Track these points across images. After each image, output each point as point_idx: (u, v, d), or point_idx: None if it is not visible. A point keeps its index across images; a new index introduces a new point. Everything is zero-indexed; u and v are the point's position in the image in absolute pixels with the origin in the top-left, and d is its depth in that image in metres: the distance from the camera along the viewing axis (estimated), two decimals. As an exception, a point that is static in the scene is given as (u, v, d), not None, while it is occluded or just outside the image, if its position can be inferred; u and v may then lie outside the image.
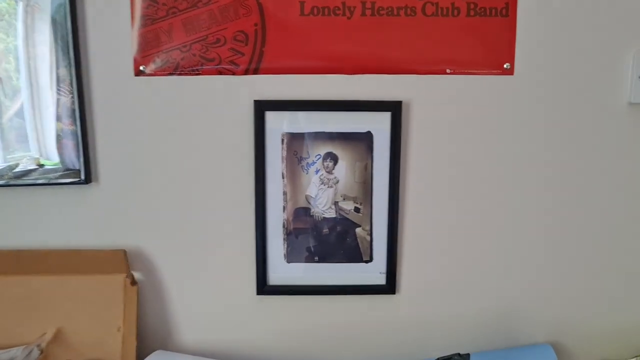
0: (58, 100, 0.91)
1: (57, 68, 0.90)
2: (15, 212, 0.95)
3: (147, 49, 0.91)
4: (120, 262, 0.94)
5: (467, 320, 1.01)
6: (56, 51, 0.90)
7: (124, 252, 0.94)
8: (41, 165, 0.93)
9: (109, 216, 0.96)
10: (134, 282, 0.95)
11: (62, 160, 0.93)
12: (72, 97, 0.91)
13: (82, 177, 0.93)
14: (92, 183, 0.94)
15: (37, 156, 0.93)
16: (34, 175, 0.93)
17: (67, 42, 0.89)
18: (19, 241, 0.95)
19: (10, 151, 0.92)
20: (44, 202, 0.95)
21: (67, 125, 0.92)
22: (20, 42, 0.90)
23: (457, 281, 0.99)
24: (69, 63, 0.90)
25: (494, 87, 0.93)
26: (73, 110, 0.91)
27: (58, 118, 0.92)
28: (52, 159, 0.93)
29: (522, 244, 0.98)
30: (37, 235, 0.96)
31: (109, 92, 0.92)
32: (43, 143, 0.93)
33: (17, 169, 0.93)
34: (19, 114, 0.91)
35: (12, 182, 0.92)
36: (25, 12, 0.89)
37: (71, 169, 0.93)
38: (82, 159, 0.93)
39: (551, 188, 0.97)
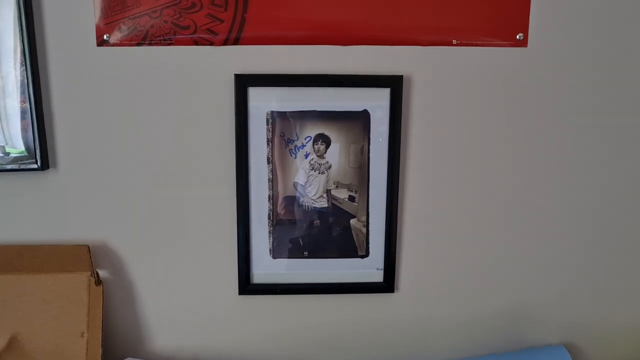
0: (7, 74, 0.79)
1: (12, 38, 0.78)
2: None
3: (111, 15, 0.79)
4: (83, 258, 0.83)
5: (473, 322, 0.91)
6: (12, 18, 0.78)
7: (87, 247, 0.83)
8: (7, 154, 0.81)
9: (69, 207, 0.84)
10: (98, 282, 0.84)
11: (27, 147, 0.81)
12: (25, 70, 0.79)
13: (38, 163, 0.81)
14: (50, 169, 0.83)
15: (3, 144, 0.81)
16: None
17: (19, 4, 0.77)
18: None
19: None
20: (-6, 191, 0.83)
21: (19, 103, 0.80)
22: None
23: (462, 279, 0.90)
24: (21, 30, 0.78)
25: (505, 60, 0.83)
26: (26, 85, 0.79)
27: (8, 94, 0.80)
28: (18, 147, 0.81)
29: (532, 238, 0.89)
30: (-13, 228, 0.84)
31: (68, 65, 0.80)
32: (7, 128, 0.81)
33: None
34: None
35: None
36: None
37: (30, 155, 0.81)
38: (37, 142, 0.81)
39: (570, 176, 0.87)
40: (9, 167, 0.81)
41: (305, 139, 0.83)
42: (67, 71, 0.81)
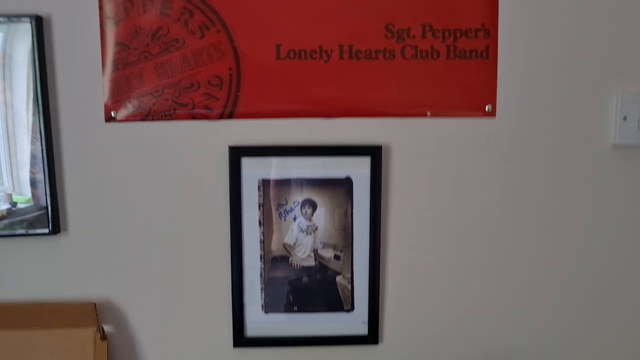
0: (23, 149, 0.88)
1: (29, 114, 0.87)
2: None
3: (118, 94, 0.88)
4: (90, 315, 0.90)
5: (454, 371, 0.97)
6: (27, 97, 0.87)
7: (94, 305, 0.90)
8: (14, 204, 0.89)
9: (77, 267, 0.91)
10: (104, 337, 0.90)
11: (35, 196, 0.89)
12: (40, 145, 0.87)
13: (50, 227, 0.89)
14: (61, 233, 0.90)
15: (10, 191, 0.89)
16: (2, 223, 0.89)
17: (36, 88, 0.86)
18: (-18, 294, 0.91)
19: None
20: (9, 253, 0.90)
21: (34, 174, 0.88)
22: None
23: (444, 330, 0.96)
24: (37, 109, 0.87)
25: (475, 130, 0.91)
26: (41, 158, 0.88)
27: (23, 165, 0.88)
28: (25, 194, 0.89)
29: (509, 288, 0.95)
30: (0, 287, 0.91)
31: (79, 139, 0.89)
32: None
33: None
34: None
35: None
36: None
37: (43, 208, 0.89)
38: (49, 209, 0.89)
39: (535, 232, 0.94)
40: (22, 232, 0.89)
41: (294, 203, 0.91)
42: (78, 145, 0.89)
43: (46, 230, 0.89)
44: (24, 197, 0.89)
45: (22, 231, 0.89)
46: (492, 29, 0.89)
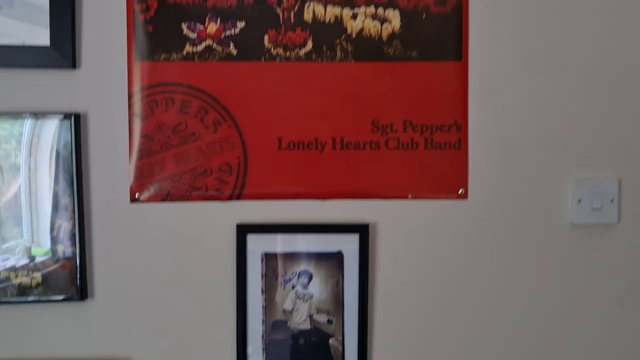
0: (60, 225, 1.02)
1: (61, 197, 1.01)
2: (3, 327, 1.03)
3: (142, 179, 1.03)
4: (111, 372, 1.02)
5: None
6: (55, 177, 1.01)
7: (115, 363, 1.02)
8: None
9: (102, 329, 1.04)
10: (122, 393, 1.02)
11: (67, 266, 1.02)
12: (73, 222, 1.01)
13: (78, 294, 1.02)
14: (88, 299, 1.03)
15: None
16: (33, 292, 1.01)
17: (72, 174, 1.01)
18: (6, 356, 1.03)
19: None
20: (43, 315, 1.03)
21: (67, 247, 1.02)
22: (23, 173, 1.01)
23: (425, 387, 1.07)
24: (72, 193, 1.01)
25: (450, 210, 1.05)
26: (73, 234, 1.02)
27: (59, 241, 1.02)
28: (60, 263, 1.02)
29: (487, 350, 1.07)
30: (26, 349, 1.03)
31: (107, 217, 1.03)
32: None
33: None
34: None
35: (2, 300, 1.01)
36: (30, 148, 1.01)
37: (74, 276, 1.01)
38: (79, 278, 1.02)
39: (505, 299, 1.06)
40: (55, 298, 1.02)
41: (292, 273, 1.04)
42: (106, 222, 1.03)
43: (75, 297, 1.02)
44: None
45: (55, 297, 1.02)
46: (463, 125, 1.04)
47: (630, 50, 1.05)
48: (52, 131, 1.01)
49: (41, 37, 1.00)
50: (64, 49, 1.00)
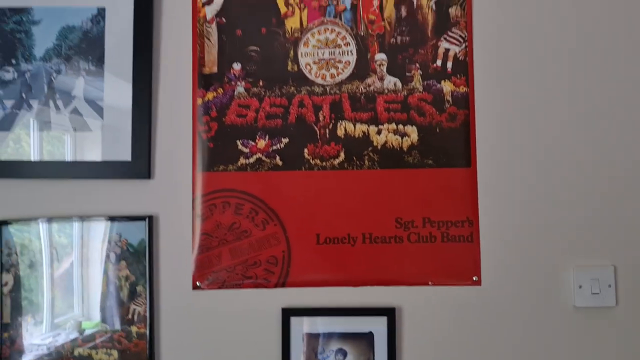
0: (134, 310, 1.21)
1: (136, 285, 1.21)
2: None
3: (202, 270, 1.22)
4: None
5: None
6: (129, 266, 1.22)
7: None
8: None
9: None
10: None
11: (138, 346, 1.20)
12: (147, 306, 1.21)
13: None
14: (155, 370, 1.22)
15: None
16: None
17: (144, 266, 1.21)
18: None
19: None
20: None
21: (140, 329, 1.21)
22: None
23: None
24: (145, 282, 1.21)
25: (466, 295, 1.21)
26: (145, 317, 1.21)
27: (134, 322, 1.21)
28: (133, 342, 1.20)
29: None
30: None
31: (173, 302, 1.22)
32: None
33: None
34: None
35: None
36: (110, 246, 1.22)
37: (144, 354, 1.20)
38: (148, 353, 1.20)
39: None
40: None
41: (329, 351, 1.20)
42: (172, 306, 1.22)
43: (146, 366, 1.21)
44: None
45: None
46: (475, 220, 1.22)
47: (623, 139, 1.22)
48: (130, 230, 1.22)
49: (123, 153, 1.23)
50: (141, 163, 1.22)
